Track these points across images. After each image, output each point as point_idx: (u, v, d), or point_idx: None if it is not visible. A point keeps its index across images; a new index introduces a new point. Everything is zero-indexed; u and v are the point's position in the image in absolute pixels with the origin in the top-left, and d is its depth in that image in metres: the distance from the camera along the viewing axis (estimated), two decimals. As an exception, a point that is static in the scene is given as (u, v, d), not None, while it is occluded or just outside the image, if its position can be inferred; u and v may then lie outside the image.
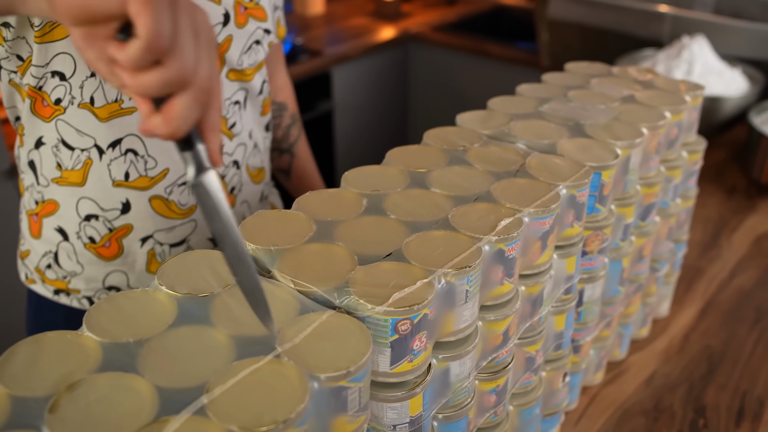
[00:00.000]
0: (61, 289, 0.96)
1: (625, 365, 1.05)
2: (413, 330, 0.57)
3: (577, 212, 0.76)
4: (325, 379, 0.51)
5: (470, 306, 0.63)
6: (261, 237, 0.65)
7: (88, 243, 0.92)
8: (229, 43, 0.92)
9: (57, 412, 0.47)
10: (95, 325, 0.54)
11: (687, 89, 1.02)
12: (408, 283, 0.58)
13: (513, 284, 0.69)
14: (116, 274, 0.94)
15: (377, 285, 0.58)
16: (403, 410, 0.60)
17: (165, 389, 0.49)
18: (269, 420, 0.46)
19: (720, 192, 1.47)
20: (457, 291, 0.61)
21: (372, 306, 0.56)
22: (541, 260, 0.73)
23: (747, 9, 1.86)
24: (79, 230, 0.92)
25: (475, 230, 0.66)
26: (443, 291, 0.60)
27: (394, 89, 2.83)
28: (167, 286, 0.59)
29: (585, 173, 0.76)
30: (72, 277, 0.95)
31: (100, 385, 0.49)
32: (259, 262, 0.63)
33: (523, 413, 0.80)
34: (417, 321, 0.57)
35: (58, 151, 0.87)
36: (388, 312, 0.56)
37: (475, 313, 0.65)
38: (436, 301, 0.59)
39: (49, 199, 0.92)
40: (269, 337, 0.54)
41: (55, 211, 0.92)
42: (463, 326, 0.63)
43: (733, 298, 1.17)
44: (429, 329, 0.59)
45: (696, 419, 0.94)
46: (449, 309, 0.62)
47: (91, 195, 0.90)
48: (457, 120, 0.90)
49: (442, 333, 0.63)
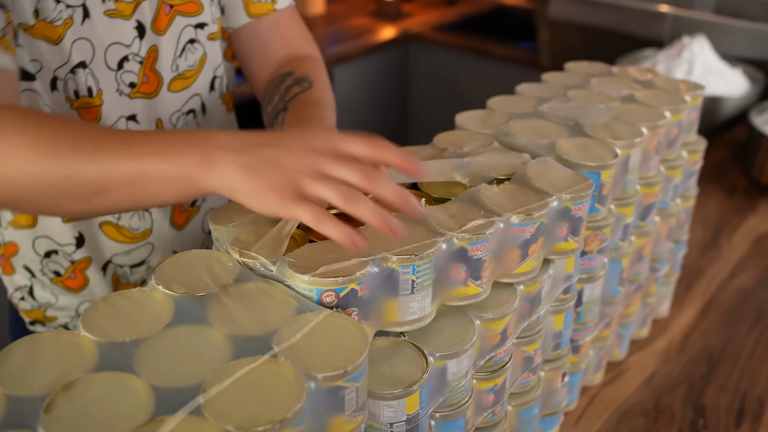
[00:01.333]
0: (36, 320, 0.97)
1: (624, 365, 1.04)
2: (340, 304, 0.58)
3: (572, 226, 0.74)
4: (322, 379, 0.50)
5: (419, 298, 0.62)
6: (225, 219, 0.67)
7: (54, 277, 0.93)
8: (154, 53, 0.87)
9: (53, 411, 0.47)
10: (91, 325, 0.54)
11: (687, 89, 1.01)
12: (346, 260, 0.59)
13: (482, 288, 0.67)
14: (87, 305, 0.94)
15: (316, 258, 0.59)
16: (400, 408, 0.60)
17: (161, 389, 0.49)
18: (266, 420, 0.46)
19: (720, 192, 1.47)
20: (401, 279, 0.60)
21: (299, 274, 0.57)
22: (521, 269, 0.70)
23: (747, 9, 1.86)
24: (42, 267, 0.93)
25: (441, 225, 0.65)
26: (383, 275, 0.60)
27: (394, 89, 2.83)
28: (164, 286, 0.58)
29: (584, 186, 0.73)
30: (47, 308, 0.96)
31: (96, 384, 0.49)
32: (220, 240, 0.66)
33: (521, 413, 0.80)
34: (343, 294, 0.57)
35: None
36: (312, 281, 0.57)
37: (427, 308, 0.63)
38: (371, 281, 0.59)
39: (10, 241, 0.93)
40: (266, 336, 0.53)
41: (17, 252, 0.93)
42: (410, 318, 0.62)
43: (733, 298, 1.17)
44: (362, 309, 0.59)
45: (696, 419, 0.94)
46: (391, 296, 0.61)
47: (45, 233, 0.90)
48: (456, 119, 0.90)
49: (385, 320, 0.62)
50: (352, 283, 0.58)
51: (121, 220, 0.91)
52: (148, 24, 0.86)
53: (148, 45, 0.87)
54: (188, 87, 0.92)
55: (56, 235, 0.90)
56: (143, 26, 0.86)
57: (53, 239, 0.90)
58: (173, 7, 0.88)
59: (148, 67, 0.87)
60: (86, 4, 0.81)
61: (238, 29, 0.97)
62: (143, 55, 0.86)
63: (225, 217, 0.67)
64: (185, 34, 0.90)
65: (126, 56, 0.85)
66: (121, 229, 0.92)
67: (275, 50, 1.00)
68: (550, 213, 0.71)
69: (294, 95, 0.89)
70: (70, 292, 0.94)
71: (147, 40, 0.86)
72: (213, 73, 0.95)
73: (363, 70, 2.65)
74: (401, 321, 0.62)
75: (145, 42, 0.86)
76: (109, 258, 0.93)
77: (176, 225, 0.96)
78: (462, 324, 0.67)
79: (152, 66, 0.87)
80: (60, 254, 0.92)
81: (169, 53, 0.89)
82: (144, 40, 0.86)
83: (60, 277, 0.92)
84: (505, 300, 0.70)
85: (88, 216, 0.60)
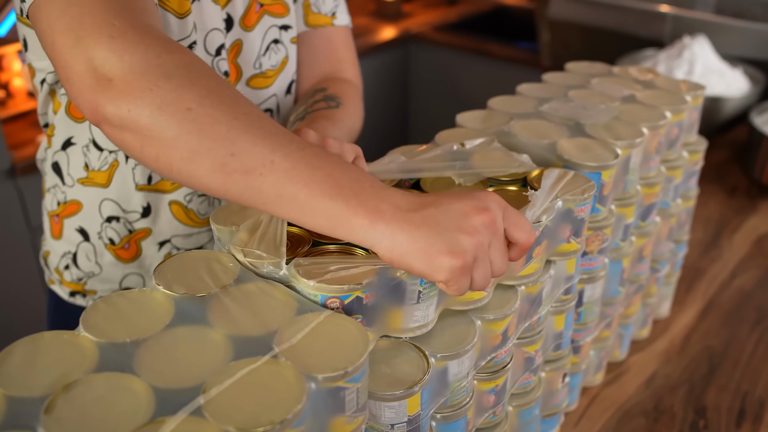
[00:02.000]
0: (77, 291, 0.97)
1: (625, 366, 1.04)
2: (345, 311, 0.57)
3: (574, 228, 0.74)
4: (323, 380, 0.50)
5: (423, 307, 0.62)
6: (227, 221, 0.66)
7: (108, 244, 0.92)
8: (237, 47, 0.88)
9: (53, 412, 0.47)
10: (92, 325, 0.54)
11: (688, 89, 1.01)
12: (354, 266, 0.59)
13: (486, 291, 0.67)
14: (133, 277, 0.94)
15: (323, 263, 0.59)
16: (401, 409, 0.60)
17: (161, 389, 0.49)
18: (266, 420, 0.46)
19: (721, 192, 1.47)
20: (408, 290, 0.60)
21: (305, 279, 0.57)
22: (525, 272, 0.71)
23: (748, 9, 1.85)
24: (100, 230, 0.92)
25: None
26: (390, 285, 0.59)
27: (395, 89, 2.83)
28: (164, 286, 0.58)
29: (587, 188, 0.73)
30: (89, 278, 0.95)
31: (96, 385, 0.49)
32: (222, 240, 0.66)
33: (522, 414, 0.80)
34: (348, 302, 0.57)
35: (87, 151, 0.88)
36: (318, 287, 0.57)
37: (431, 315, 0.63)
38: (377, 290, 0.59)
39: (72, 200, 0.92)
40: (266, 337, 0.53)
41: (78, 211, 0.92)
42: (413, 325, 0.62)
43: (734, 299, 1.17)
44: (366, 316, 0.59)
45: (696, 420, 0.94)
46: (397, 305, 0.61)
47: (114, 197, 0.90)
48: (456, 119, 0.90)
49: (388, 327, 0.62)
50: (357, 291, 0.57)
51: (191, 203, 0.91)
52: (237, 18, 0.87)
53: (233, 38, 0.87)
54: (269, 86, 0.93)
55: (124, 201, 0.89)
56: (232, 19, 0.87)
57: (120, 205, 0.90)
58: (263, 6, 0.89)
59: (230, 59, 0.88)
60: None
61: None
62: (228, 47, 0.87)
63: (227, 218, 0.67)
64: (270, 33, 0.91)
65: (222, 44, 0.86)
66: (189, 212, 0.92)
67: (320, 64, 1.01)
68: (554, 215, 0.71)
69: (316, 109, 0.90)
70: (119, 261, 0.93)
71: (233, 33, 0.87)
72: (292, 76, 0.97)
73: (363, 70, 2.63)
74: (404, 328, 0.62)
75: (231, 35, 0.87)
76: (169, 237, 0.93)
77: None
78: (463, 325, 0.67)
79: (234, 59, 0.89)
80: (122, 221, 0.91)
81: (254, 49, 0.89)
82: (230, 33, 0.87)
83: (113, 246, 0.92)
84: (506, 301, 0.70)
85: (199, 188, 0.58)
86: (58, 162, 0.91)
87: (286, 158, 0.56)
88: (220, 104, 0.57)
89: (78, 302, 0.97)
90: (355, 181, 0.57)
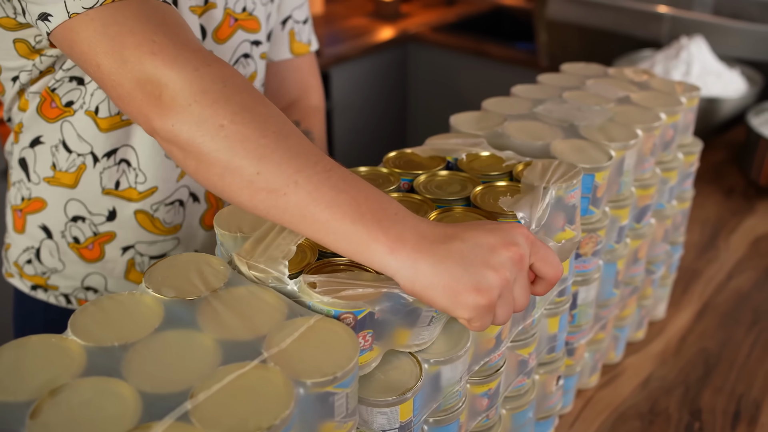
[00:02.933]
0: (38, 285, 0.97)
1: (620, 368, 1.04)
2: (357, 326, 0.57)
3: (567, 215, 0.74)
4: (312, 385, 0.50)
5: (431, 329, 0.62)
6: (232, 224, 0.66)
7: (72, 243, 0.92)
8: None
9: (39, 417, 0.46)
10: (80, 329, 0.54)
11: (683, 90, 1.01)
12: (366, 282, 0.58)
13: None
14: (95, 276, 0.94)
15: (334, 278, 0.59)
16: (393, 415, 0.60)
17: (149, 394, 0.48)
18: (254, 426, 0.46)
19: (718, 193, 1.47)
20: (422, 315, 0.60)
21: (319, 295, 0.57)
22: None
23: (746, 10, 1.85)
24: (64, 230, 0.92)
25: None
26: (405, 310, 0.59)
27: (393, 89, 2.83)
28: (154, 290, 0.58)
29: (574, 174, 0.74)
30: (52, 274, 0.95)
31: (83, 389, 0.49)
32: (225, 245, 0.65)
33: (516, 417, 0.80)
34: (361, 317, 0.57)
35: (56, 152, 0.88)
36: (333, 303, 0.56)
37: (435, 334, 0.63)
38: (393, 313, 0.58)
39: (37, 197, 0.92)
40: (255, 341, 0.53)
41: (42, 209, 0.92)
42: (418, 342, 0.62)
43: (730, 300, 1.17)
44: (376, 330, 0.58)
45: (692, 422, 0.94)
46: (407, 326, 0.60)
47: (81, 198, 0.90)
48: (450, 120, 0.90)
49: (394, 343, 0.61)
50: (370, 307, 0.57)
51: (157, 212, 0.92)
52: (211, 30, 0.87)
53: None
54: None
55: (90, 203, 0.90)
56: (205, 31, 0.87)
57: (86, 206, 0.90)
58: (237, 21, 0.90)
59: None
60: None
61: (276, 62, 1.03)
62: None
63: (231, 223, 0.66)
64: (242, 47, 0.92)
65: None
66: (154, 221, 0.92)
67: (290, 89, 1.06)
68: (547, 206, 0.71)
69: None
70: (82, 261, 0.93)
71: (204, 45, 0.87)
72: (261, 90, 0.98)
73: (361, 71, 2.65)
74: (409, 344, 0.62)
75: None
76: (133, 243, 0.93)
77: (205, 226, 0.97)
78: (456, 329, 0.66)
79: None
80: (87, 222, 0.91)
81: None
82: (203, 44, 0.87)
83: (77, 244, 0.92)
84: (499, 303, 0.69)
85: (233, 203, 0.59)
86: (25, 158, 0.91)
87: (309, 180, 0.56)
88: (251, 122, 0.58)
89: (39, 296, 0.97)
90: (379, 206, 0.57)
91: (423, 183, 0.76)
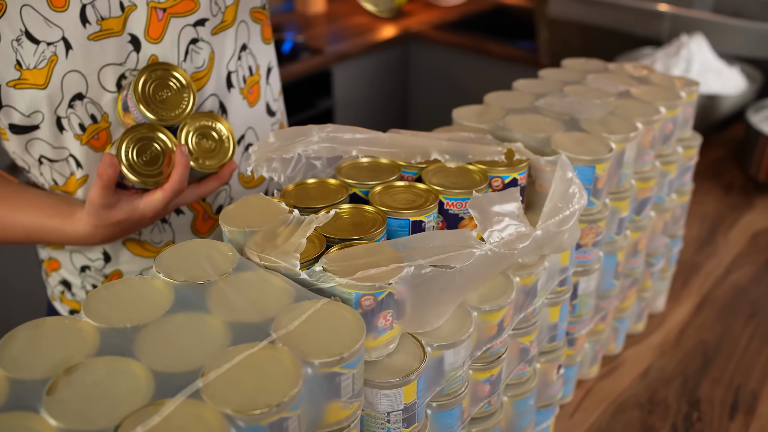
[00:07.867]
0: (77, 311, 1.00)
1: (620, 359, 1.05)
2: (377, 307, 0.58)
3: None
4: (319, 365, 0.51)
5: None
6: (239, 220, 0.67)
7: (91, 290, 0.96)
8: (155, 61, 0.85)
9: (55, 394, 0.48)
10: (93, 311, 0.55)
11: (682, 85, 1.02)
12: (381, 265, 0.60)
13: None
14: None
15: (350, 262, 0.60)
16: (397, 397, 0.61)
17: (161, 373, 0.50)
18: (263, 403, 0.47)
19: (717, 189, 1.48)
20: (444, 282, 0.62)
21: (338, 278, 0.58)
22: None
23: (746, 8, 1.87)
24: (81, 281, 0.98)
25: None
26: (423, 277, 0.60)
27: (394, 88, 2.84)
28: (165, 274, 0.59)
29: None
30: None
31: (97, 368, 0.50)
32: (235, 241, 0.66)
33: (517, 404, 0.81)
34: (381, 298, 0.58)
35: None
36: (351, 285, 0.58)
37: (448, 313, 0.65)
38: (412, 288, 0.60)
39: (52, 257, 0.99)
40: (264, 323, 0.54)
41: (59, 267, 0.99)
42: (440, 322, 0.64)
43: (728, 294, 1.18)
44: (396, 310, 0.60)
45: (690, 412, 0.95)
46: (431, 301, 0.62)
47: (78, 249, 0.95)
48: (453, 114, 0.91)
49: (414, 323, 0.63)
50: (389, 288, 0.59)
51: (142, 235, 0.94)
52: (141, 34, 0.83)
53: (146, 56, 0.84)
54: (203, 87, 0.90)
55: (86, 251, 0.95)
56: (137, 38, 0.83)
57: (85, 255, 0.95)
58: (166, 11, 0.84)
59: None
60: (65, 36, 0.79)
61: None
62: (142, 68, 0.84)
63: (239, 219, 0.67)
64: (185, 35, 0.86)
65: (123, 74, 0.84)
66: (143, 245, 0.94)
67: None
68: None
69: None
70: None
71: (144, 51, 0.84)
72: (226, 68, 0.91)
73: (363, 69, 2.66)
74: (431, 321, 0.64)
75: (143, 53, 0.84)
76: (139, 271, 0.96)
77: (199, 233, 0.97)
78: (459, 315, 0.67)
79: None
80: (92, 269, 0.96)
81: (170, 59, 0.86)
82: (141, 52, 0.84)
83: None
84: (502, 292, 0.71)
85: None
86: None
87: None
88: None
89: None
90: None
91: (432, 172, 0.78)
